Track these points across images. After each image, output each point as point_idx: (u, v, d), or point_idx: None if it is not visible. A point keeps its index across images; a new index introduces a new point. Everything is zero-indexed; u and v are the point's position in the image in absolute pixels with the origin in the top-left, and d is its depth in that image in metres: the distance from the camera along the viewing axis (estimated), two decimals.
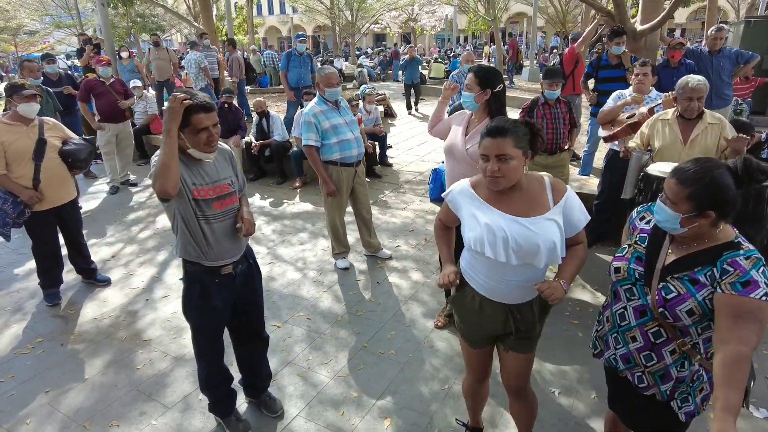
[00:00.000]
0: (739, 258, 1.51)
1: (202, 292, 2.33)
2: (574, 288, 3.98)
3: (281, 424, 2.69)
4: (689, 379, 1.71)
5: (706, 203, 1.52)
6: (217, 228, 2.26)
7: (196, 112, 2.05)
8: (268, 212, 5.84)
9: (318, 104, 3.92)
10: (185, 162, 2.15)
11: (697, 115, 3.42)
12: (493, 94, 2.86)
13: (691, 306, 1.56)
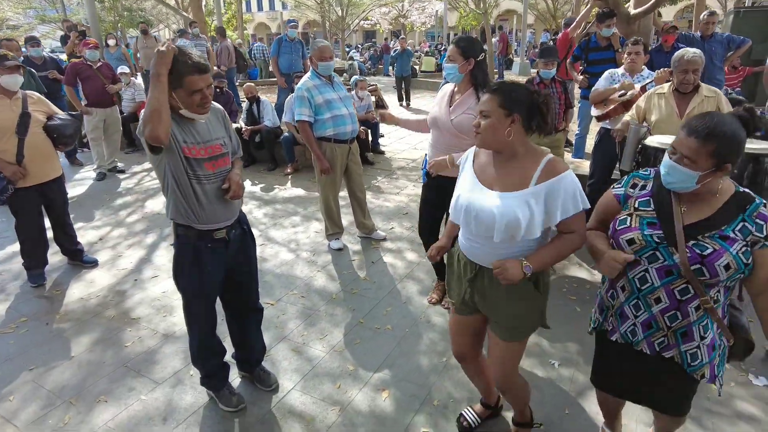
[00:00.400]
0: (762, 209, 1.57)
1: (195, 257, 2.25)
2: (570, 266, 3.95)
3: (276, 397, 2.61)
4: (718, 344, 1.71)
5: (727, 157, 1.53)
6: (210, 189, 2.18)
7: (190, 73, 1.97)
8: (260, 197, 5.74)
9: (311, 78, 3.84)
10: (177, 120, 2.07)
11: (693, 88, 3.41)
12: (476, 63, 2.83)
13: (728, 260, 1.54)
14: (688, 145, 1.55)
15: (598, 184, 4.47)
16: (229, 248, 2.34)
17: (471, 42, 2.87)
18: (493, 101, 1.74)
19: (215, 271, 2.32)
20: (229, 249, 2.34)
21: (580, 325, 3.15)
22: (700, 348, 1.68)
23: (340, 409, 2.51)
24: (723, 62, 5.93)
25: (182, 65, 1.95)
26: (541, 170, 1.74)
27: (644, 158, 3.27)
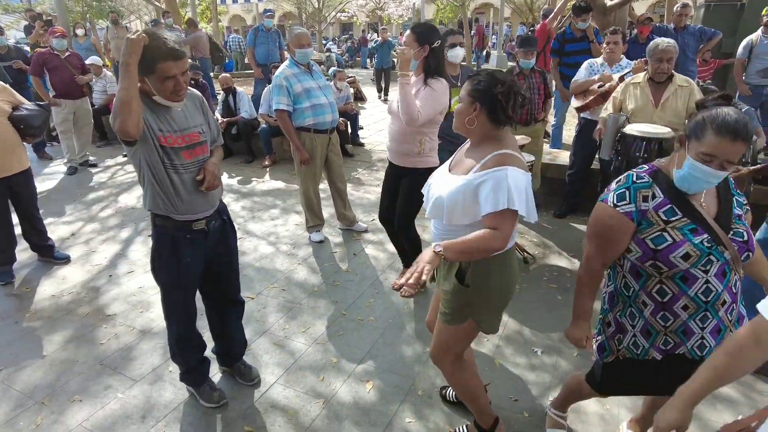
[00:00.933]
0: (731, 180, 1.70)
1: (173, 248, 2.18)
2: (550, 254, 3.98)
3: (258, 392, 2.57)
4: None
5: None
6: (187, 179, 2.11)
7: (164, 59, 1.89)
8: (237, 190, 5.64)
9: (289, 67, 3.76)
10: (151, 107, 2.00)
11: (668, 78, 3.46)
12: (431, 49, 2.81)
13: (750, 234, 1.61)
14: (735, 150, 1.45)
15: (578, 174, 4.52)
16: (208, 239, 2.27)
17: (427, 28, 2.87)
18: (465, 88, 1.78)
19: (194, 262, 2.25)
20: (209, 240, 2.28)
21: (562, 313, 3.18)
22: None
23: (323, 402, 2.48)
24: (695, 54, 6.04)
25: (155, 50, 1.86)
26: (485, 161, 1.72)
27: (623, 146, 3.31)
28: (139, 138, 1.91)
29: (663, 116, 3.45)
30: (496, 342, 2.92)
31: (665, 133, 3.20)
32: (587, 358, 2.76)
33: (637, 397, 2.47)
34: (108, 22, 9.77)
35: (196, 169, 2.13)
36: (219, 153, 2.34)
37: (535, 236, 4.31)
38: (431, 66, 2.86)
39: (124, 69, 1.80)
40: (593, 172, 4.52)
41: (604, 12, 6.14)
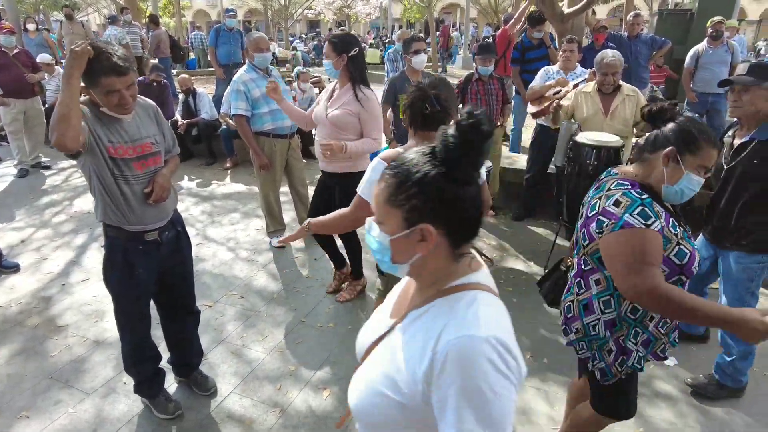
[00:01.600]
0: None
1: (125, 259, 2.15)
2: (508, 257, 4.09)
3: (214, 401, 2.55)
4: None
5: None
6: (138, 190, 2.08)
7: (106, 74, 1.85)
8: (197, 193, 5.55)
9: (247, 71, 3.73)
10: (100, 117, 1.97)
11: (615, 88, 3.60)
12: (349, 58, 2.87)
13: None
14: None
15: (535, 177, 4.64)
16: (161, 250, 2.25)
17: (343, 38, 2.93)
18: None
19: (147, 273, 2.23)
20: (162, 251, 2.26)
21: (517, 315, 3.25)
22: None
23: (280, 411, 2.49)
24: (647, 61, 6.28)
25: (98, 64, 1.83)
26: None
27: (575, 154, 3.42)
28: (82, 150, 1.88)
29: (612, 124, 3.59)
30: None
31: (614, 142, 3.33)
32: (540, 362, 2.86)
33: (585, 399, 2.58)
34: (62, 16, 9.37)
35: (147, 180, 2.11)
36: (172, 164, 2.32)
37: (493, 239, 4.41)
38: (354, 73, 2.91)
39: (66, 81, 1.77)
40: (550, 176, 4.65)
41: (561, 19, 6.29)
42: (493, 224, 4.72)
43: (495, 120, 4.57)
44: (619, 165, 3.37)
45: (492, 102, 4.49)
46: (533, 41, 5.57)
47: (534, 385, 2.67)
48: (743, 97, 2.28)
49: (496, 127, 4.62)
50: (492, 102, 4.49)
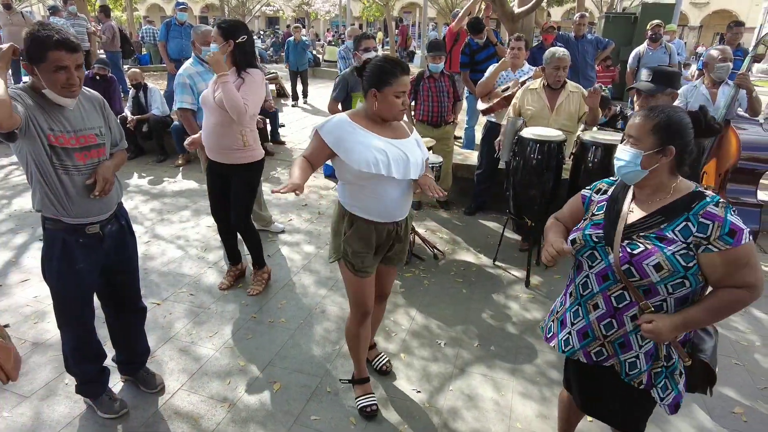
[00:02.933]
0: (710, 207, 1.46)
1: (64, 253, 2.09)
2: (459, 250, 4.18)
3: (161, 399, 2.51)
4: (660, 354, 1.61)
5: (669, 136, 1.51)
6: (80, 181, 2.03)
7: (56, 48, 1.81)
8: (147, 191, 5.40)
9: (193, 65, 3.66)
10: (42, 104, 1.91)
11: (561, 85, 3.75)
12: (236, 45, 2.92)
13: (658, 260, 1.47)
14: (632, 123, 1.57)
15: (486, 173, 4.76)
16: (104, 244, 2.20)
17: (232, 24, 2.96)
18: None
19: (88, 268, 2.17)
20: (104, 245, 2.20)
21: (465, 306, 3.37)
22: (639, 357, 1.62)
23: (229, 406, 2.47)
24: (594, 60, 6.55)
25: (45, 38, 1.79)
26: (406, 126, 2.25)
27: (520, 148, 3.54)
28: (18, 132, 1.82)
29: (558, 119, 3.75)
30: (403, 336, 3.04)
31: (556, 136, 3.47)
32: (487, 349, 2.95)
33: (530, 384, 2.69)
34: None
35: (89, 171, 2.06)
36: (118, 157, 2.27)
37: (446, 233, 4.50)
38: (239, 59, 2.95)
39: None
40: (500, 171, 4.78)
41: (512, 19, 6.48)
42: (446, 219, 4.82)
43: (447, 117, 4.66)
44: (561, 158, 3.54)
45: (443, 99, 4.58)
46: (479, 43, 5.69)
47: (481, 372, 2.76)
48: (648, 102, 2.34)
49: (448, 123, 4.71)
50: (443, 99, 4.58)
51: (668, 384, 1.63)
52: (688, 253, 1.46)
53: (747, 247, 1.43)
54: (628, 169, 1.57)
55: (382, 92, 2.00)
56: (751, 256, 1.45)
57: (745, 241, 1.43)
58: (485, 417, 2.46)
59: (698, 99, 3.82)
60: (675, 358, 1.62)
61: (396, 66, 2.00)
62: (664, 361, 1.61)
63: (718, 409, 2.56)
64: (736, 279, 1.45)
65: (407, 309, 3.31)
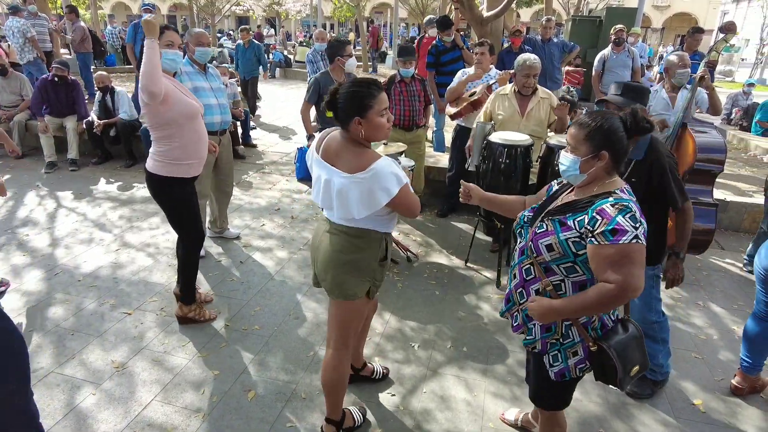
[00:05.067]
0: (607, 205, 1.59)
1: None
2: (432, 252, 4.24)
3: (134, 411, 2.48)
4: (557, 329, 1.77)
5: (601, 143, 1.66)
6: None
7: None
8: (115, 197, 5.29)
9: (185, 65, 3.62)
10: None
11: (532, 90, 3.84)
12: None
13: (551, 242, 1.68)
14: (570, 133, 1.74)
15: (456, 176, 4.83)
16: None
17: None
18: None
19: None
20: None
21: (438, 308, 3.42)
22: (536, 326, 1.82)
23: (203, 416, 2.46)
24: (560, 63, 6.71)
25: None
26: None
27: (489, 153, 3.62)
28: None
29: (528, 125, 3.83)
30: (377, 340, 3.07)
31: (524, 141, 3.56)
32: (459, 350, 3.01)
33: (501, 384, 2.76)
34: None
35: None
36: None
37: (419, 236, 4.56)
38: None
39: None
40: (470, 173, 4.86)
41: (481, 22, 6.58)
42: (419, 221, 4.87)
43: (418, 121, 4.72)
44: (529, 162, 3.63)
45: (415, 103, 4.63)
46: (446, 44, 5.75)
47: (453, 373, 2.82)
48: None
49: (419, 127, 4.77)
50: (415, 103, 4.63)
51: (559, 356, 1.81)
52: (580, 242, 1.63)
53: (624, 247, 1.53)
54: (569, 173, 1.74)
55: (366, 117, 1.88)
56: (626, 257, 1.54)
57: (624, 242, 1.53)
58: (458, 417, 2.52)
59: (659, 103, 3.97)
60: (573, 338, 1.77)
61: (370, 86, 1.90)
62: (560, 337, 1.79)
63: (678, 401, 2.68)
64: (607, 275, 1.56)
65: (381, 312, 3.34)
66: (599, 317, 1.74)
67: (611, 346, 1.70)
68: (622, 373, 1.70)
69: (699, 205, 3.65)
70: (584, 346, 1.75)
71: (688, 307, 3.58)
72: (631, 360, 1.73)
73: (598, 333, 1.75)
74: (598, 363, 1.74)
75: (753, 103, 9.02)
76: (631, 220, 1.56)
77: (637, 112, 1.73)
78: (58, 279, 3.63)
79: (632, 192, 1.72)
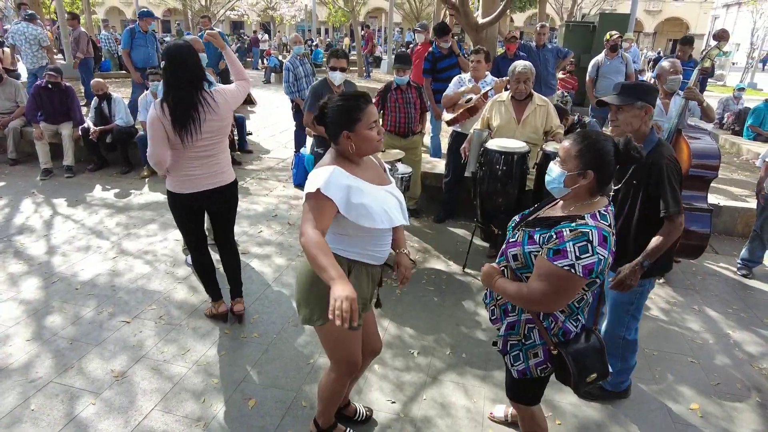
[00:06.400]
0: (566, 229, 1.64)
1: None
2: (430, 258, 4.26)
3: (135, 420, 2.47)
4: (520, 330, 1.85)
5: (589, 162, 1.68)
6: None
7: None
8: (112, 204, 5.28)
9: None
10: None
11: (527, 97, 3.87)
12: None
13: (516, 252, 1.77)
14: (562, 146, 1.77)
15: (452, 182, 4.87)
16: None
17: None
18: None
19: None
20: None
21: (437, 313, 3.44)
22: (503, 322, 1.92)
23: (204, 425, 2.46)
24: (554, 69, 6.76)
25: None
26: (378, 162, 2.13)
27: (486, 159, 3.65)
28: None
29: (524, 132, 3.86)
30: None
31: (521, 148, 3.59)
32: (459, 357, 3.02)
33: (500, 390, 2.77)
34: None
35: None
36: None
37: (416, 242, 4.58)
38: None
39: None
40: (467, 179, 4.89)
41: (476, 29, 6.64)
42: (416, 227, 4.89)
43: (414, 128, 4.75)
44: (526, 169, 3.66)
45: (410, 110, 4.67)
46: (443, 51, 5.77)
47: (453, 379, 2.83)
48: (619, 116, 2.34)
49: (415, 134, 4.80)
50: (410, 110, 4.67)
51: (520, 356, 1.90)
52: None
53: (555, 268, 1.62)
54: (553, 184, 1.78)
55: (355, 131, 1.83)
56: (550, 276, 1.63)
57: (558, 264, 1.61)
58: (458, 424, 2.53)
59: None
60: (534, 340, 1.85)
61: (358, 99, 1.87)
62: (522, 338, 1.87)
63: (675, 406, 2.70)
64: (531, 280, 1.70)
65: (380, 320, 3.35)
66: (561, 324, 1.80)
67: (569, 353, 1.78)
68: (577, 378, 1.78)
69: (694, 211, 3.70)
70: (545, 348, 1.84)
71: (683, 312, 3.62)
72: (589, 368, 1.81)
73: (559, 338, 1.82)
74: (558, 366, 1.83)
75: (744, 108, 9.11)
76: (579, 249, 1.60)
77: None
78: (55, 287, 3.62)
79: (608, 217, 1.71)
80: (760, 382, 2.94)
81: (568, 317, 1.81)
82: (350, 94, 1.92)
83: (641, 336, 3.25)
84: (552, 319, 1.81)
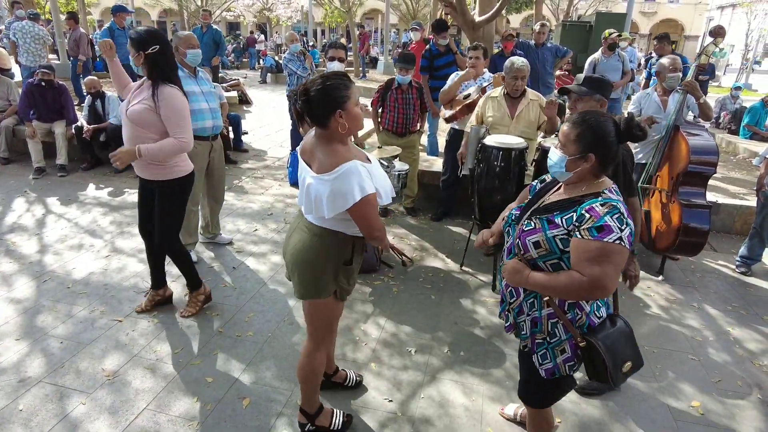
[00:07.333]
0: (596, 204, 1.60)
1: None
2: (427, 256, 4.22)
3: (127, 420, 2.42)
4: (544, 327, 1.77)
5: (590, 145, 1.65)
6: None
7: None
8: (105, 203, 5.22)
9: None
10: None
11: (521, 93, 3.85)
12: (146, 56, 2.81)
13: (538, 239, 1.68)
14: (561, 130, 1.74)
15: (450, 180, 4.83)
16: None
17: (140, 36, 2.85)
18: None
19: None
20: None
21: (434, 311, 3.40)
22: (525, 322, 1.83)
23: (197, 424, 2.41)
24: (552, 68, 6.74)
25: None
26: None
27: (483, 156, 3.61)
28: None
29: (518, 127, 3.84)
30: (373, 346, 3.04)
31: (519, 144, 3.56)
32: (457, 355, 2.98)
33: (499, 388, 2.74)
34: None
35: None
36: None
37: (414, 240, 4.54)
38: (152, 72, 2.84)
39: None
40: (464, 177, 4.85)
41: (473, 27, 6.61)
42: (414, 225, 4.86)
43: (412, 127, 4.72)
44: (524, 165, 3.63)
45: (409, 110, 4.64)
46: (440, 48, 5.74)
47: (451, 378, 2.79)
48: (578, 105, 2.45)
49: (413, 133, 4.77)
50: (409, 110, 4.64)
51: (548, 355, 1.81)
52: (567, 239, 1.63)
53: (606, 245, 1.54)
54: (555, 169, 1.74)
55: (346, 108, 1.84)
56: (605, 255, 1.54)
57: (608, 240, 1.53)
58: (456, 423, 2.49)
59: (651, 106, 3.99)
60: (559, 336, 1.76)
61: (341, 77, 1.88)
62: (547, 336, 1.79)
63: (676, 403, 2.67)
64: (582, 267, 1.56)
65: (377, 318, 3.31)
66: (586, 316, 1.73)
67: (599, 339, 1.69)
68: (613, 368, 1.68)
69: (694, 207, 3.68)
70: (571, 343, 1.75)
71: (683, 309, 3.59)
72: (622, 355, 1.72)
73: (584, 331, 1.74)
74: (588, 359, 1.72)
75: (741, 107, 9.14)
76: (618, 221, 1.56)
77: (633, 118, 1.72)
78: (47, 286, 3.56)
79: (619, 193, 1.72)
80: (761, 379, 2.91)
81: (593, 304, 1.75)
82: (330, 73, 1.90)
83: (641, 333, 3.23)
84: (578, 310, 1.73)
